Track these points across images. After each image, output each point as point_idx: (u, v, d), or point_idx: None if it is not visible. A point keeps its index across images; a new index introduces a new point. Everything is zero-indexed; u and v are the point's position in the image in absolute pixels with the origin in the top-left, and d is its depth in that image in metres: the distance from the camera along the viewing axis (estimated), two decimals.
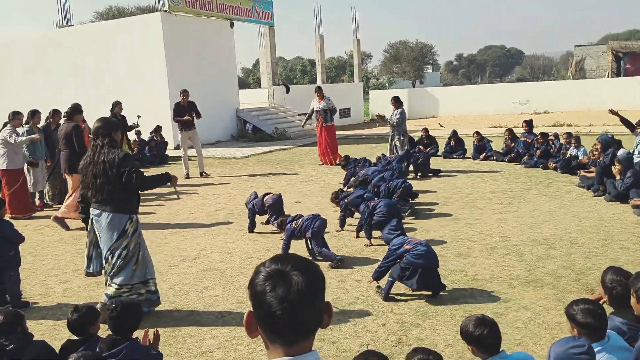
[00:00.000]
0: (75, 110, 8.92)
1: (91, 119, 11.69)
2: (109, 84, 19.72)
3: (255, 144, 19.66)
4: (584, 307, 2.97)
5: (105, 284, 4.98)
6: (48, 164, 10.16)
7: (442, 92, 32.81)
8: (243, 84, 46.06)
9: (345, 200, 7.59)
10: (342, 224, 7.56)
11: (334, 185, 10.79)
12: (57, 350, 3.63)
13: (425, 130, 15.13)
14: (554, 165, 11.50)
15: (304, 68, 68.33)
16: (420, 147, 14.66)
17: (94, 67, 20.27)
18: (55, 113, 10.29)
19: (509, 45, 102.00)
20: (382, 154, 12.03)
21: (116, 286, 4.85)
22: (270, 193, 8.02)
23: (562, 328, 4.33)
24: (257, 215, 7.84)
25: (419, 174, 11.67)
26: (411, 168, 11.83)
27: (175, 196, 6.34)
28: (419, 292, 5.18)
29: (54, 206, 10.08)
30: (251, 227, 7.77)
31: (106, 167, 4.71)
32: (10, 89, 22.60)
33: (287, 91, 24.99)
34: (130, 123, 12.34)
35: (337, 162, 13.35)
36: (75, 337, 3.62)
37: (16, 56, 22.47)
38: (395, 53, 67.51)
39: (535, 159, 12.08)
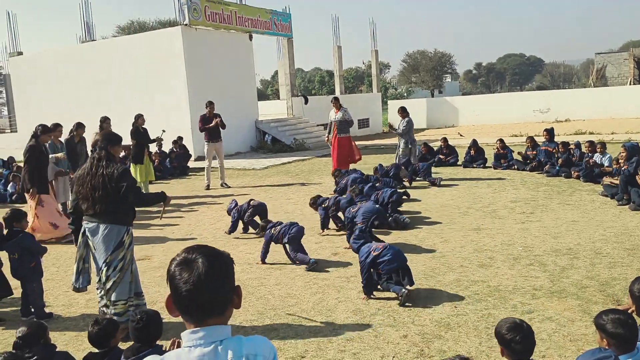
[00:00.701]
0: (44, 130, 8.83)
1: (114, 130, 11.87)
2: (131, 96, 20.00)
3: (274, 155, 19.74)
4: (614, 317, 2.92)
5: (101, 300, 4.98)
6: (71, 176, 10.32)
7: (461, 101, 32.66)
8: (262, 96, 46.34)
9: (323, 205, 8.19)
10: (323, 225, 8.13)
11: None
12: None
13: (445, 140, 15.06)
14: (576, 174, 11.35)
15: (322, 79, 68.52)
16: (441, 156, 14.62)
17: (116, 80, 20.60)
18: (78, 126, 10.45)
19: (528, 54, 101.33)
20: (380, 164, 12.08)
21: (122, 302, 4.87)
22: (253, 199, 8.60)
23: (588, 340, 4.25)
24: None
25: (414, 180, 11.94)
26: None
27: (159, 215, 6.84)
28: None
29: None
30: (232, 230, 8.30)
31: (105, 180, 4.75)
32: (35, 102, 23.05)
33: (306, 102, 25.10)
34: (153, 136, 12.52)
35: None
36: (96, 350, 3.65)
37: (41, 70, 22.93)
38: (414, 63, 67.50)
39: (557, 168, 11.93)
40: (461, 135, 22.65)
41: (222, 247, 7.40)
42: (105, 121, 11.07)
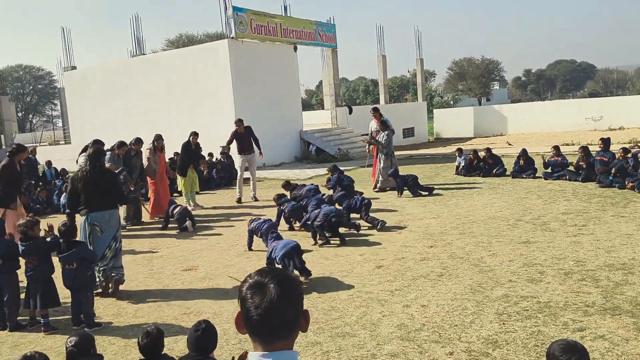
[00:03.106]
0: (19, 149, 8.89)
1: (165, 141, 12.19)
2: (179, 109, 20.48)
3: (318, 165, 19.77)
4: None
5: (100, 271, 6.49)
6: (132, 188, 10.72)
7: (509, 109, 32.03)
8: (306, 106, 46.66)
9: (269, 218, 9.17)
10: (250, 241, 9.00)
11: (397, 205, 10.71)
12: None
13: (488, 150, 14.78)
14: (630, 184, 10.92)
15: (367, 88, 68.41)
16: (480, 164, 14.46)
17: (165, 92, 21.13)
18: (137, 141, 11.21)
19: (579, 60, 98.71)
20: (332, 174, 12.07)
21: (120, 265, 6.63)
22: (180, 205, 10.69)
23: None
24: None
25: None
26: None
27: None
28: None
29: (126, 227, 10.50)
30: (164, 226, 10.52)
31: (112, 181, 6.75)
32: (87, 115, 23.86)
33: (350, 112, 25.11)
34: (203, 152, 13.00)
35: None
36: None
37: (93, 84, 23.74)
38: (460, 70, 66.41)
39: (610, 178, 11.50)
40: (510, 145, 22.17)
41: (265, 258, 7.40)
42: (158, 140, 11.65)
